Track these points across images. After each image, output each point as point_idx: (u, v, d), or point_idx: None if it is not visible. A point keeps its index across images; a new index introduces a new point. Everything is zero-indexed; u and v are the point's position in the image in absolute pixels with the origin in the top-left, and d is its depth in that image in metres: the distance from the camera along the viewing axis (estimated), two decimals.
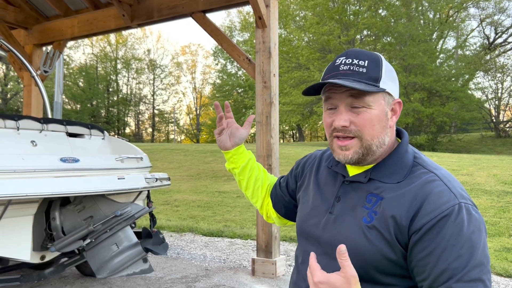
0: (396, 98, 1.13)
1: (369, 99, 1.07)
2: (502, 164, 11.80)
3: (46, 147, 3.50)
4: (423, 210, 0.99)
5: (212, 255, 5.29)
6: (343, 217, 1.11)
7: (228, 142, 1.44)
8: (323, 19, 26.24)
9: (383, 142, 1.10)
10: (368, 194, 1.09)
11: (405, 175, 1.08)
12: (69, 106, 40.44)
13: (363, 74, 1.07)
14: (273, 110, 4.54)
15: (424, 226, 0.98)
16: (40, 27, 6.51)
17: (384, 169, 1.11)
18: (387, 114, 1.10)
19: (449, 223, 0.96)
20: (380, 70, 1.09)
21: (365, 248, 1.04)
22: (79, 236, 3.22)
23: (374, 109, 1.07)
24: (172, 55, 60.74)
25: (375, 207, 1.06)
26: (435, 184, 1.02)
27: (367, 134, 1.08)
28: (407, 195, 1.03)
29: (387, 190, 1.07)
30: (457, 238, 0.95)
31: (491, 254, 5.29)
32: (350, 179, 1.15)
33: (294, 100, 25.45)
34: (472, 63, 27.02)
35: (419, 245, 0.98)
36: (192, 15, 5.10)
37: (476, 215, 0.99)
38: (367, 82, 1.06)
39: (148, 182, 3.50)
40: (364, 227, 1.05)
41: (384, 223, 1.03)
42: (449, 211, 0.97)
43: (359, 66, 1.08)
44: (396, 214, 1.02)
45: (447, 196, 1.00)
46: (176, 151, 18.67)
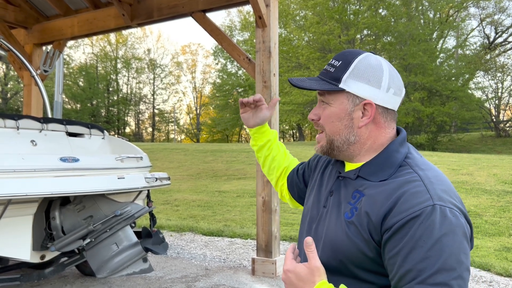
0: (366, 99, 1.10)
1: (329, 97, 1.14)
2: (502, 163, 11.80)
3: (46, 147, 3.50)
4: (396, 210, 0.98)
5: (212, 255, 5.29)
6: (332, 211, 1.14)
7: (250, 121, 1.52)
8: (323, 19, 26.23)
9: (347, 141, 1.13)
10: (354, 190, 1.12)
11: (391, 174, 1.08)
12: (69, 105, 40.45)
13: (328, 73, 1.14)
14: None
15: (394, 225, 0.97)
16: (40, 27, 6.51)
17: (371, 167, 1.12)
18: (351, 113, 1.12)
19: (418, 224, 0.94)
20: (346, 70, 1.10)
21: (344, 243, 1.06)
22: (79, 236, 3.22)
23: (334, 107, 1.13)
24: (172, 55, 60.89)
25: (357, 203, 1.08)
26: (414, 184, 1.01)
27: (327, 129, 1.16)
28: (383, 193, 1.03)
29: (369, 187, 1.08)
30: (426, 240, 0.93)
31: (491, 254, 5.29)
32: (343, 175, 1.18)
33: (294, 99, 25.46)
34: (472, 63, 27.02)
35: (389, 244, 0.98)
36: (192, 15, 5.09)
37: (452, 218, 0.95)
38: (329, 81, 1.13)
39: (148, 182, 3.50)
40: (345, 222, 1.08)
41: (361, 219, 1.04)
42: (420, 212, 0.95)
43: (331, 65, 1.14)
44: (370, 211, 1.03)
45: (422, 197, 0.98)
46: (176, 150, 18.68)
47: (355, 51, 1.15)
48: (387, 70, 1.12)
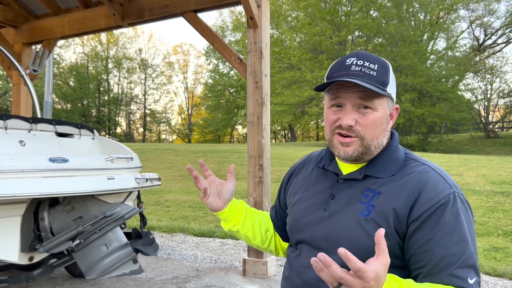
0: (395, 104, 1.19)
1: (376, 101, 1.11)
2: (491, 164, 11.93)
3: (34, 147, 3.47)
4: (421, 199, 1.04)
5: (203, 256, 5.28)
6: (339, 214, 1.14)
7: (219, 202, 1.33)
8: (315, 20, 26.31)
9: (381, 144, 1.15)
10: (364, 189, 1.13)
11: (399, 168, 1.13)
12: (59, 105, 40.13)
13: (373, 77, 1.10)
14: (264, 110, 4.54)
15: (423, 214, 1.03)
16: (29, 26, 6.45)
17: (378, 165, 1.15)
18: (388, 118, 1.16)
19: (447, 211, 1.02)
20: (388, 75, 1.13)
21: (362, 240, 1.07)
22: (68, 237, 3.20)
23: (379, 112, 1.12)
24: (163, 55, 60.71)
25: (372, 201, 1.09)
26: (431, 174, 1.09)
27: (369, 135, 1.12)
28: (405, 186, 1.08)
29: (384, 184, 1.11)
30: (453, 225, 1.01)
31: (480, 254, 5.34)
32: (344, 177, 1.18)
33: (286, 100, 25.49)
34: (462, 64, 27.27)
35: (418, 233, 1.02)
36: (183, 15, 5.08)
37: (467, 205, 1.07)
38: (377, 85, 1.09)
39: (138, 183, 3.48)
40: (361, 220, 1.08)
41: (383, 215, 1.06)
42: (446, 199, 1.03)
43: (370, 69, 1.10)
44: (396, 205, 1.06)
45: (442, 186, 1.06)
46: (167, 151, 18.61)
47: (375, 55, 1.17)
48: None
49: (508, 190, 8.61)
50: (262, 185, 4.47)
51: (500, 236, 6.16)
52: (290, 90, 25.70)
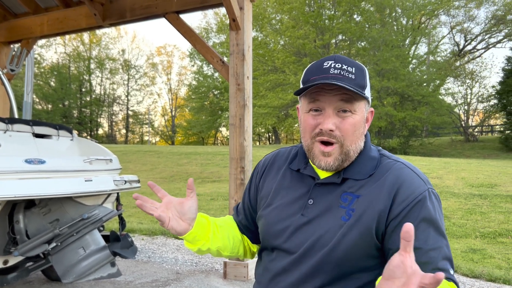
0: (370, 107, 1.18)
1: (356, 104, 1.10)
2: (470, 167, 12.15)
3: (10, 148, 3.39)
4: (399, 197, 1.06)
5: (184, 258, 5.24)
6: (319, 219, 1.12)
7: (183, 224, 1.16)
8: (299, 23, 26.48)
9: (359, 148, 1.14)
10: (342, 193, 1.12)
11: (375, 166, 1.14)
12: (40, 106, 39.46)
13: (352, 80, 1.08)
14: (246, 113, 4.53)
15: (402, 211, 1.05)
16: (7, 25, 6.32)
17: (355, 166, 1.14)
18: (365, 121, 1.15)
19: (424, 207, 1.05)
20: (365, 78, 1.13)
21: (342, 246, 1.06)
22: (44, 240, 3.13)
23: (358, 115, 1.11)
24: (147, 56, 60.08)
25: (352, 205, 1.09)
26: (405, 171, 1.11)
27: (348, 140, 1.10)
28: (382, 186, 1.09)
29: (362, 187, 1.11)
30: (431, 220, 1.04)
31: (458, 256, 5.42)
32: (322, 181, 1.16)
33: (270, 102, 25.57)
34: (443, 69, 27.81)
35: (399, 230, 0.98)
36: (165, 16, 5.04)
37: (438, 198, 1.12)
38: (356, 88, 1.07)
39: (117, 185, 3.43)
40: (342, 225, 1.08)
41: (363, 218, 1.06)
42: (422, 196, 1.06)
43: (348, 72, 1.09)
44: (376, 206, 1.07)
45: (417, 182, 1.09)
46: (149, 153, 18.46)
47: (348, 58, 1.17)
48: None
49: (486, 193, 8.78)
50: (244, 187, 4.45)
51: (477, 238, 6.27)
52: (274, 92, 25.79)
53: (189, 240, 1.20)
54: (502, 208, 7.73)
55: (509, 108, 24.39)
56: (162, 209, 1.14)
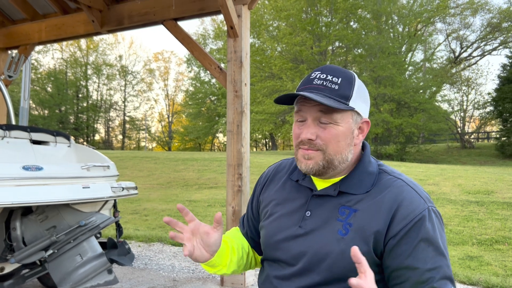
0: (364, 118, 1.15)
1: (337, 116, 1.08)
2: (467, 174, 12.19)
3: (7, 155, 3.38)
4: (399, 216, 1.04)
5: (181, 266, 5.22)
6: (316, 231, 1.11)
7: (205, 255, 1.13)
8: (296, 30, 26.61)
9: (346, 159, 1.12)
10: (340, 206, 1.11)
11: (373, 183, 1.12)
12: (36, 111, 39.36)
13: (334, 91, 1.08)
14: (244, 119, 4.54)
15: (401, 230, 1.03)
16: (5, 31, 6.33)
17: (351, 180, 1.13)
18: (353, 132, 1.12)
19: (424, 226, 1.03)
20: (352, 89, 1.10)
21: (340, 260, 1.06)
22: (41, 247, 3.12)
23: (341, 126, 1.09)
24: (144, 62, 60.21)
25: (349, 219, 1.08)
26: (405, 189, 1.09)
27: (331, 149, 1.10)
28: (381, 203, 1.07)
29: (360, 201, 1.09)
30: (431, 239, 1.03)
31: (455, 263, 5.43)
32: (319, 193, 1.16)
33: (267, 109, 25.61)
34: (439, 76, 27.96)
35: (398, 249, 1.03)
36: (163, 23, 5.06)
37: (440, 217, 1.09)
38: (338, 99, 1.07)
39: (114, 191, 3.43)
40: (339, 239, 1.07)
41: (360, 234, 1.05)
42: (422, 215, 1.04)
43: (332, 82, 1.09)
44: (373, 223, 1.05)
45: (417, 201, 1.07)
46: (146, 159, 18.42)
47: (342, 68, 1.15)
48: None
49: (483, 200, 8.81)
50: (241, 194, 4.46)
51: (474, 245, 6.28)
52: (271, 99, 25.83)
53: (206, 264, 1.20)
54: (498, 215, 7.76)
55: (505, 115, 24.52)
56: (188, 236, 1.13)
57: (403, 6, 28.31)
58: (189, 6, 4.90)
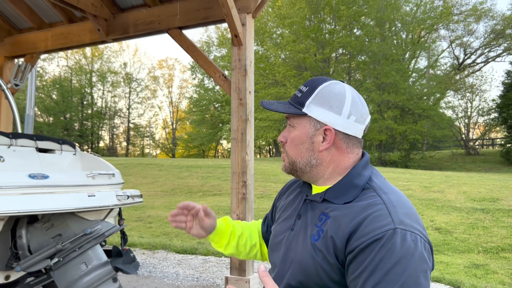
0: (327, 125, 1.13)
1: (294, 120, 1.18)
2: (472, 181, 12.13)
3: (14, 163, 3.40)
4: (359, 233, 1.01)
5: (185, 273, 5.21)
6: (299, 234, 1.16)
7: (202, 233, 1.40)
8: (300, 37, 26.69)
9: (309, 163, 1.17)
10: (321, 213, 1.14)
11: (355, 196, 1.10)
12: (41, 118, 39.57)
13: (296, 98, 1.18)
14: (248, 127, 4.55)
15: (357, 248, 0.99)
16: (12, 39, 6.39)
17: (335, 190, 1.14)
18: (312, 137, 1.15)
19: (380, 246, 0.97)
20: (309, 96, 1.15)
21: (310, 265, 1.08)
22: (46, 255, 3.12)
23: (297, 130, 1.18)
24: (148, 69, 60.54)
25: (323, 225, 1.10)
26: (377, 207, 1.03)
27: (289, 151, 1.20)
28: (347, 216, 1.05)
29: (335, 210, 1.10)
30: (386, 262, 0.95)
31: (461, 271, 5.39)
32: (309, 198, 1.20)
33: (271, 116, 25.64)
34: (443, 83, 27.91)
35: (351, 266, 1.01)
36: (168, 31, 5.10)
37: (411, 242, 0.97)
38: (295, 105, 1.17)
39: (119, 200, 3.44)
40: (311, 245, 1.10)
41: (327, 241, 1.07)
42: (381, 235, 0.97)
43: (300, 91, 1.18)
44: (334, 234, 1.05)
45: (384, 221, 1.00)
46: (150, 166, 18.45)
47: (323, 78, 1.19)
48: (350, 98, 1.15)
49: (488, 207, 8.76)
50: (246, 201, 4.46)
51: (480, 253, 6.24)
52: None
53: (210, 240, 1.46)
54: (504, 222, 7.70)
55: (509, 121, 24.42)
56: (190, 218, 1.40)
57: (407, 13, 28.35)
58: (193, 15, 4.94)
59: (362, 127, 1.16)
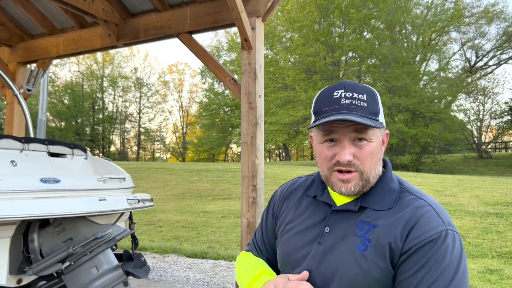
0: (386, 130, 1.18)
1: (371, 133, 1.10)
2: (485, 185, 11.96)
3: (26, 167, 3.43)
4: (413, 234, 1.03)
5: (196, 278, 5.20)
6: (335, 247, 1.10)
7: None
8: (309, 41, 26.66)
9: (378, 173, 1.14)
10: (359, 222, 1.10)
11: (395, 200, 1.11)
12: (53, 123, 40.02)
13: (364, 109, 1.08)
14: (258, 131, 4.54)
15: (411, 248, 1.02)
16: (24, 45, 6.47)
17: (373, 196, 1.12)
18: (381, 145, 1.15)
19: (435, 247, 1.00)
20: (378, 104, 1.12)
21: (359, 277, 1.04)
22: (57, 259, 3.14)
23: (374, 142, 1.11)
24: (159, 74, 61.03)
25: (368, 235, 1.07)
26: (425, 209, 1.07)
27: (367, 167, 1.10)
28: (400, 220, 1.06)
29: (379, 217, 1.09)
30: (440, 262, 0.99)
31: (475, 276, 5.31)
32: (338, 208, 1.15)
33: (280, 119, 25.61)
34: (454, 86, 27.64)
35: (404, 266, 1.02)
36: (178, 36, 5.12)
37: (460, 243, 1.04)
38: (370, 116, 1.08)
39: (130, 204, 3.45)
40: (358, 255, 1.06)
41: (379, 250, 1.04)
42: (436, 236, 1.01)
43: (360, 100, 1.08)
44: (391, 240, 1.04)
45: (436, 222, 1.04)
46: (161, 170, 18.52)
47: (360, 83, 1.15)
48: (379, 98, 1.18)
49: (502, 211, 8.62)
50: (256, 205, 4.44)
51: (494, 258, 6.14)
52: (284, 109, 25.85)
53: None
54: None
55: None
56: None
57: (417, 16, 28.17)
58: (203, 19, 4.96)
59: None
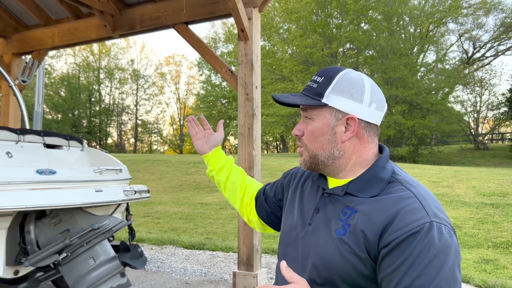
0: (349, 114, 1.11)
1: (313, 112, 1.14)
2: (481, 176, 12.02)
3: (22, 159, 3.42)
4: (394, 226, 0.98)
5: (193, 268, 5.22)
6: (320, 229, 1.12)
7: (205, 147, 1.56)
8: (307, 32, 26.54)
9: (332, 155, 1.13)
10: (344, 207, 1.10)
11: (381, 190, 1.08)
12: (50, 115, 39.85)
13: (312, 89, 1.14)
14: (255, 122, 4.54)
15: (392, 241, 0.97)
16: (19, 36, 6.42)
17: (360, 183, 1.11)
18: (334, 128, 1.12)
19: (418, 240, 0.95)
20: (328, 85, 1.11)
21: (336, 260, 1.04)
22: (54, 250, 3.14)
23: (317, 122, 1.13)
24: (156, 66, 60.56)
25: (349, 220, 1.06)
26: (409, 201, 1.02)
27: (309, 144, 1.16)
28: (378, 210, 1.03)
29: (361, 203, 1.07)
30: (424, 256, 0.94)
31: (470, 266, 5.35)
32: (329, 192, 1.16)
33: (278, 111, 25.57)
34: (452, 77, 27.63)
35: (386, 260, 0.98)
36: (174, 27, 5.09)
37: (447, 235, 0.97)
38: (312, 96, 1.13)
39: (127, 195, 3.45)
40: (337, 239, 1.06)
41: (355, 236, 1.03)
42: (419, 228, 0.96)
43: (314, 81, 1.14)
44: (365, 228, 1.02)
45: (419, 214, 0.99)
46: (158, 162, 18.51)
47: (337, 67, 1.16)
48: (369, 85, 1.14)
49: (498, 202, 8.68)
50: None
51: (490, 248, 6.18)
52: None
53: (205, 162, 1.58)
54: None
55: None
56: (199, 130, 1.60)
57: (415, 7, 28.07)
58: (200, 9, 4.92)
59: (382, 114, 1.16)
